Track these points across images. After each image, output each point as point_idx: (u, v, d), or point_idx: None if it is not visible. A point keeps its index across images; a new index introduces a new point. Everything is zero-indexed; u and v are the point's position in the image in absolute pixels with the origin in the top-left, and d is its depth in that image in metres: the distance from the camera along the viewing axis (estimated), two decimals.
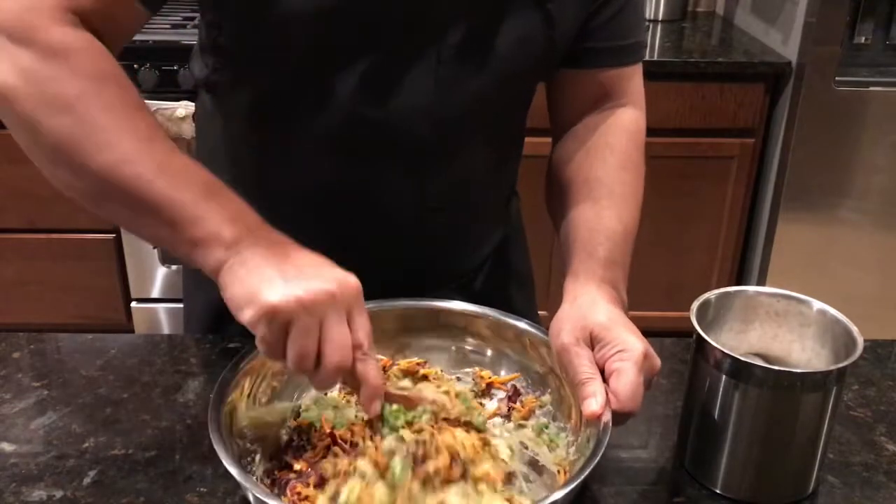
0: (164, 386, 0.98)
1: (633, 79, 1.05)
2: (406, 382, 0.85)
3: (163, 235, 0.75)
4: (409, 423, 0.76)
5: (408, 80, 0.90)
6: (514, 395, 0.89)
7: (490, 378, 0.90)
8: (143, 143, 0.74)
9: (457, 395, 0.82)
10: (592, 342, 0.81)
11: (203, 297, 1.12)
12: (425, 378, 0.89)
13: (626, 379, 0.77)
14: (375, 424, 0.77)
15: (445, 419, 0.79)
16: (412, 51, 0.89)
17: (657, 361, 0.80)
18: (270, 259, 0.72)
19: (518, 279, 1.20)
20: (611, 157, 0.99)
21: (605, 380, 0.79)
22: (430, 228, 1.01)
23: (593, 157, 0.99)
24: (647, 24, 2.59)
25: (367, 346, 0.73)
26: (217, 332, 1.08)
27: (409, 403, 0.78)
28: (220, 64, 0.98)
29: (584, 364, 0.79)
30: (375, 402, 0.74)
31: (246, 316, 0.70)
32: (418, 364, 0.90)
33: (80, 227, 2.43)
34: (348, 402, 0.87)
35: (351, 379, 0.74)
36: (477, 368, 0.91)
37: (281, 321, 0.69)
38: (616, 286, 0.88)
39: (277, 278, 0.70)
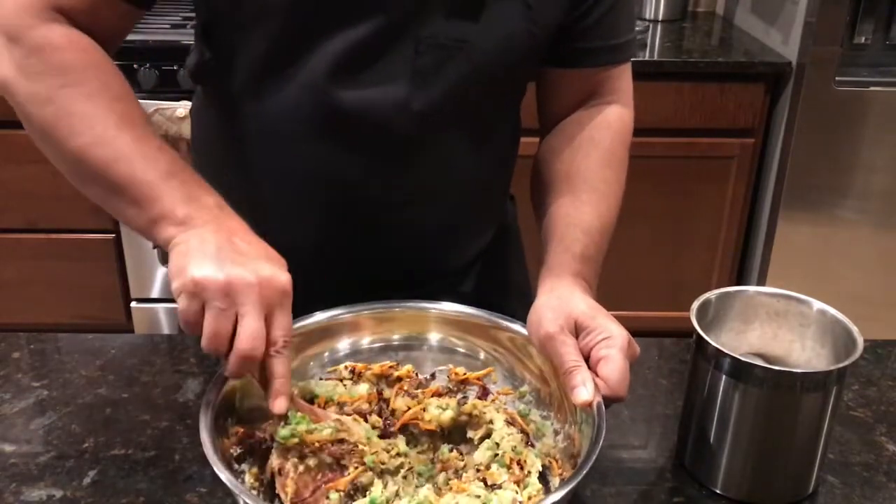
0: (164, 386, 0.98)
1: (622, 77, 1.05)
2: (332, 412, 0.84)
3: (130, 215, 0.81)
4: (309, 433, 0.77)
5: (384, 70, 0.90)
6: (483, 395, 0.89)
7: (464, 374, 0.90)
8: (113, 129, 0.80)
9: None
10: (577, 330, 0.81)
11: None
12: (399, 380, 0.89)
13: (615, 365, 0.77)
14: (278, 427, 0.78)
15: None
16: (389, 40, 0.89)
17: (637, 348, 0.81)
18: (214, 240, 0.75)
19: (512, 286, 1.17)
20: (594, 153, 1.01)
21: (589, 366, 0.79)
22: (406, 223, 1.01)
23: (577, 153, 1.01)
24: (645, 23, 2.59)
25: (281, 346, 0.74)
26: None
27: (314, 417, 0.79)
28: (205, 51, 1.00)
29: (570, 353, 0.79)
30: (280, 399, 0.75)
31: (173, 286, 0.73)
32: (391, 367, 0.89)
33: (80, 227, 2.43)
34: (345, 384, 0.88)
35: (261, 374, 0.76)
36: (451, 365, 0.91)
37: (199, 298, 0.72)
38: (589, 282, 0.91)
39: (210, 258, 0.73)
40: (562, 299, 0.84)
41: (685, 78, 2.31)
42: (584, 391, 0.76)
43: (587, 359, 0.80)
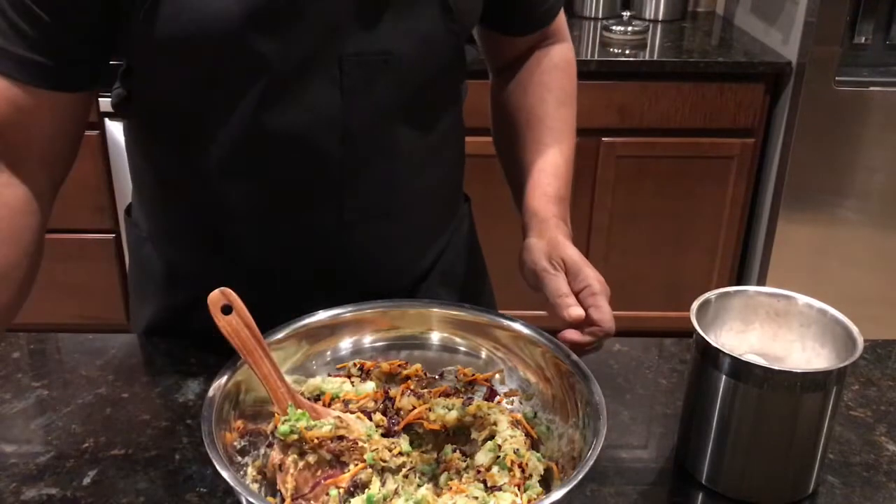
0: (164, 386, 0.98)
1: (558, 21, 1.13)
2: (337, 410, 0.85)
3: None
4: (308, 429, 0.77)
5: (311, 93, 0.89)
6: (490, 397, 0.89)
7: (473, 375, 0.90)
8: None
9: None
10: (565, 272, 0.92)
11: (148, 308, 1.11)
12: (407, 378, 0.89)
13: (604, 311, 0.88)
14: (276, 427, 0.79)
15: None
16: (310, 63, 0.88)
17: (608, 289, 0.92)
18: None
19: (470, 290, 1.17)
20: (548, 95, 1.09)
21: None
22: (357, 242, 1.00)
23: (532, 99, 1.09)
24: (645, 23, 2.59)
25: None
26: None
27: (314, 414, 0.80)
28: (128, 87, 0.98)
29: (562, 285, 0.90)
30: None
31: None
32: (400, 365, 0.90)
33: (80, 227, 2.43)
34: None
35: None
36: (460, 366, 0.91)
37: None
38: (566, 220, 1.02)
39: None
40: (551, 244, 0.95)
41: (685, 78, 2.31)
42: (577, 309, 0.87)
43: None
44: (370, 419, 0.84)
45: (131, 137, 1.04)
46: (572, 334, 0.88)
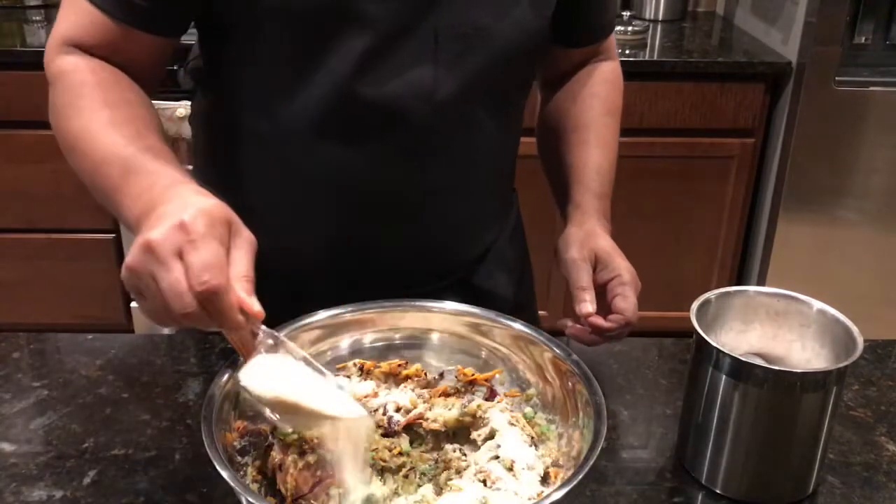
0: (164, 386, 0.98)
1: (610, 39, 1.19)
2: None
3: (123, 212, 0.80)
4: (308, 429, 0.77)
5: (406, 62, 0.92)
6: (490, 397, 0.89)
7: (473, 375, 0.90)
8: (98, 137, 0.83)
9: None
10: (596, 263, 0.98)
11: None
12: (407, 378, 0.89)
13: (630, 301, 0.94)
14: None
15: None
16: (409, 31, 0.90)
17: (639, 283, 0.97)
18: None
19: (517, 275, 1.20)
20: (597, 105, 1.15)
21: (604, 296, 0.95)
22: (431, 214, 1.02)
23: (581, 107, 1.15)
24: (645, 23, 2.59)
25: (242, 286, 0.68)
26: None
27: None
28: (211, 55, 0.99)
29: (584, 277, 0.96)
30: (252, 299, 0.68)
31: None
32: (399, 365, 0.90)
33: (80, 227, 2.43)
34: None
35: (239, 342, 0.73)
36: (460, 366, 0.91)
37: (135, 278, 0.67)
38: (607, 216, 1.08)
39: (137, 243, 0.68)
40: (588, 234, 1.01)
41: (685, 78, 2.31)
42: (588, 305, 0.93)
43: (601, 289, 0.96)
44: None
45: (204, 107, 1.06)
46: (597, 319, 0.93)
